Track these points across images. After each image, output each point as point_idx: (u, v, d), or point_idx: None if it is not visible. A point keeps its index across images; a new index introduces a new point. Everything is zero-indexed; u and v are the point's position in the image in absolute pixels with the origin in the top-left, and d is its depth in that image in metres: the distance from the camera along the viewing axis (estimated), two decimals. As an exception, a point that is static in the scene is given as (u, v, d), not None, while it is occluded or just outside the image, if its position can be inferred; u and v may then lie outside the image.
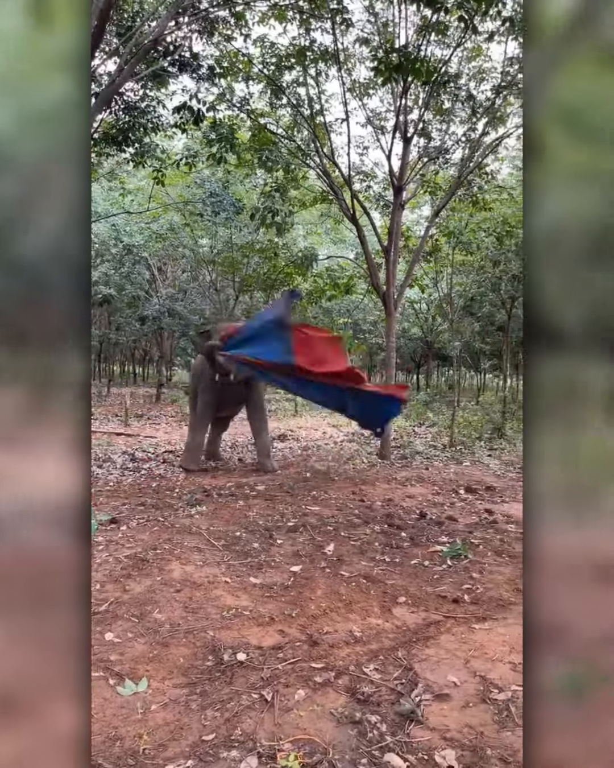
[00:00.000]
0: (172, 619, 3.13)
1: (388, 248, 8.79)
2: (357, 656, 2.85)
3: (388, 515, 5.42)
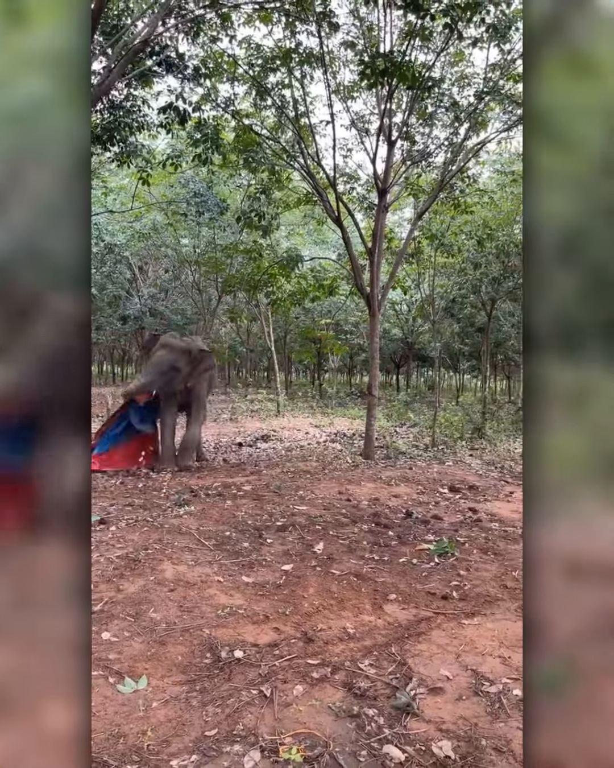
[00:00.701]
0: (167, 618, 3.16)
1: (372, 250, 8.88)
2: (351, 652, 2.91)
3: (375, 514, 5.50)
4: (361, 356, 23.44)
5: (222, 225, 12.11)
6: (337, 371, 36.96)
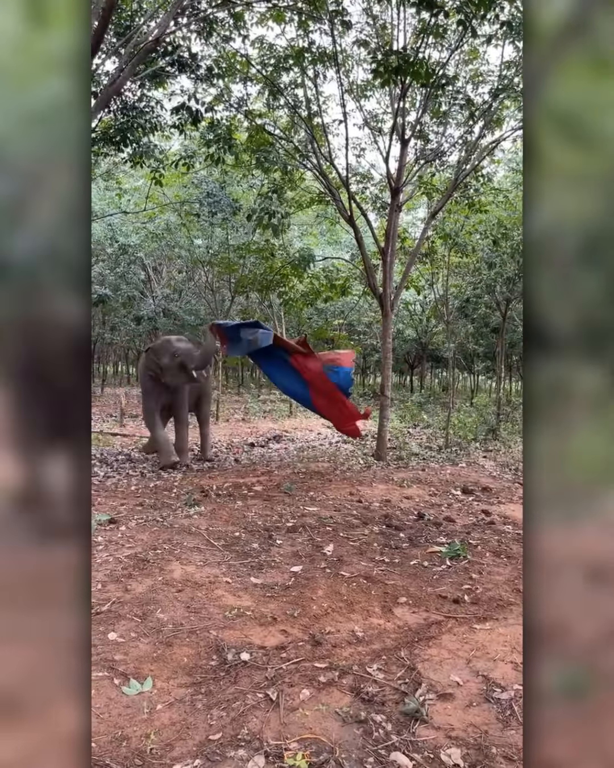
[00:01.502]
0: (174, 619, 3.13)
1: (385, 250, 8.82)
2: (360, 656, 2.86)
3: (386, 516, 5.44)
4: (374, 357, 23.30)
5: (235, 225, 12.12)
6: (351, 372, 36.88)
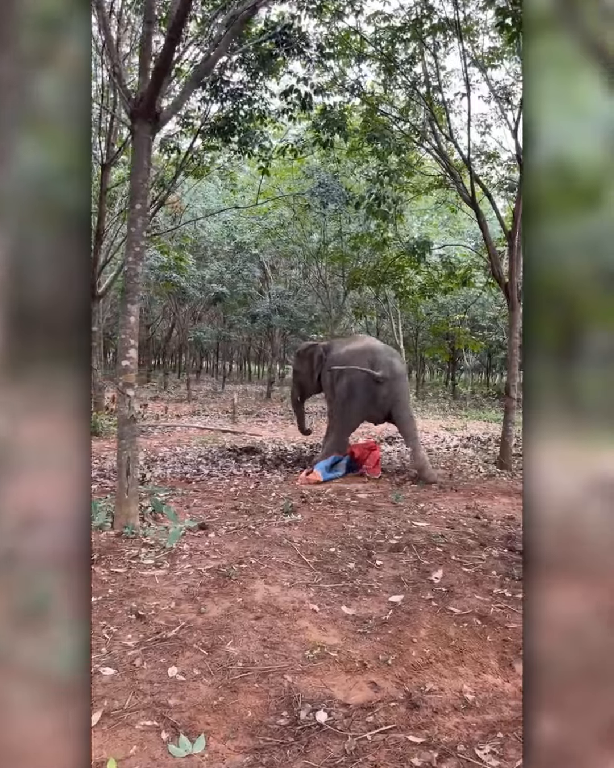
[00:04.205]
0: (246, 655, 2.69)
1: (512, 234, 7.90)
2: (468, 729, 2.24)
3: (509, 537, 4.68)
4: (501, 354, 21.76)
5: (348, 216, 11.64)
6: (474, 370, 35.10)
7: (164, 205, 9.75)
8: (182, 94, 4.35)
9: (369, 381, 6.95)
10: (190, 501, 5.53)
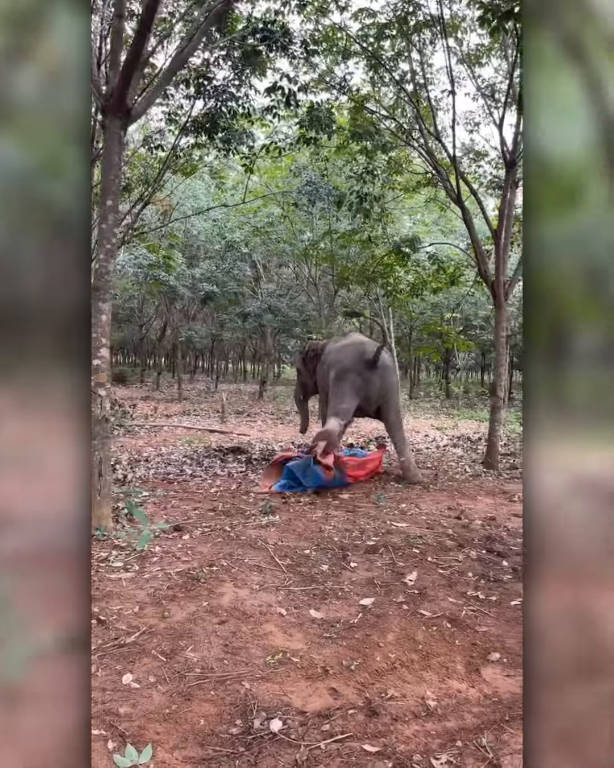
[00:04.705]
0: (205, 661, 2.62)
1: (498, 232, 7.84)
2: (426, 738, 2.18)
3: (488, 538, 4.62)
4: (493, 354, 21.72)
5: (336, 215, 11.57)
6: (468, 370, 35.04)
7: (151, 203, 9.65)
8: (155, 89, 4.29)
9: (360, 367, 6.82)
10: (169, 502, 5.46)
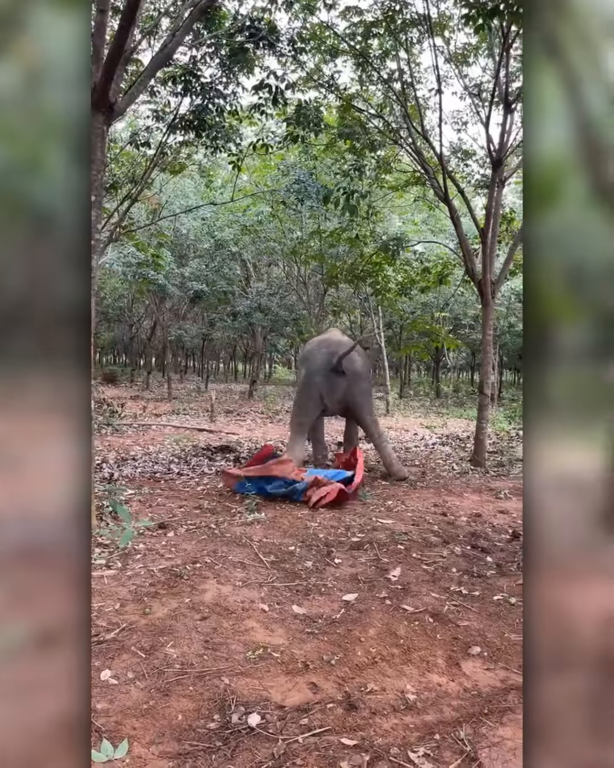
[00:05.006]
0: (185, 657, 2.61)
1: (485, 231, 7.87)
2: (405, 731, 2.19)
3: (473, 534, 4.64)
4: (483, 353, 21.84)
5: (325, 214, 11.57)
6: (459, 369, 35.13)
7: (139, 201, 9.61)
8: (139, 85, 4.27)
9: (327, 371, 6.73)
10: (154, 500, 5.44)
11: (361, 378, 6.97)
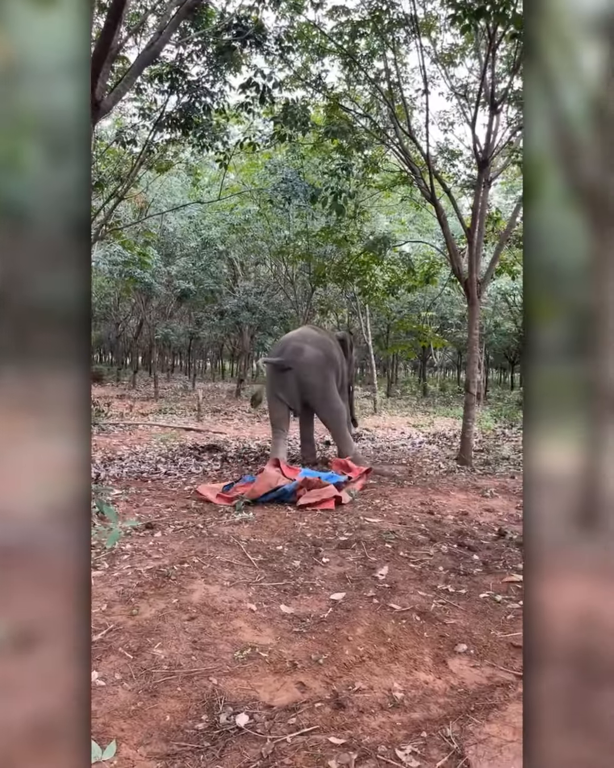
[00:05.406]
0: (173, 658, 2.61)
1: (472, 230, 7.91)
2: (392, 729, 2.20)
3: (460, 532, 4.67)
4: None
5: (313, 213, 11.58)
6: (446, 368, 35.33)
7: (125, 199, 9.56)
8: (125, 82, 4.24)
9: (275, 370, 6.79)
10: (141, 500, 5.42)
11: (311, 371, 6.72)
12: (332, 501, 5.32)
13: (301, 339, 7.02)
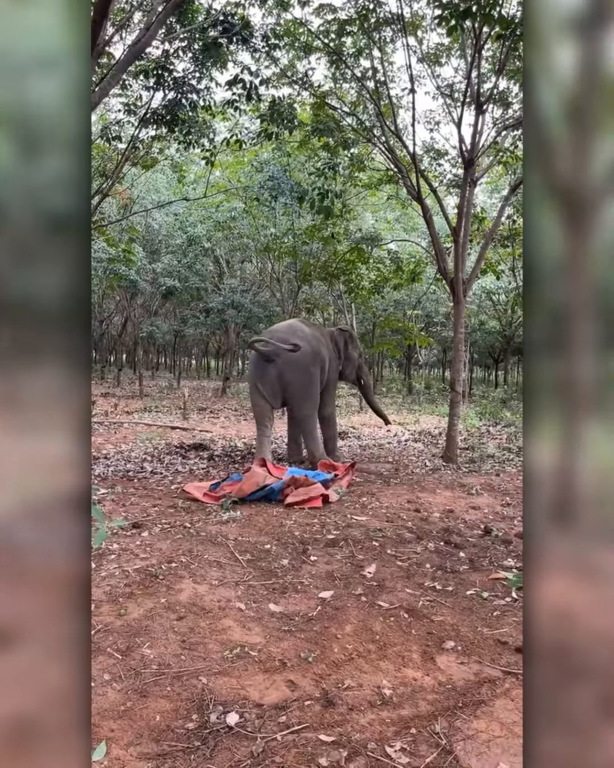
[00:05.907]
0: (162, 658, 2.61)
1: (457, 229, 7.96)
2: (382, 726, 2.22)
3: (446, 530, 4.71)
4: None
5: (299, 211, 11.58)
6: (430, 366, 35.51)
7: (109, 195, 9.48)
8: (111, 78, 4.20)
9: (259, 359, 6.63)
10: (128, 499, 5.39)
11: (295, 368, 6.58)
12: (319, 499, 5.34)
13: (291, 332, 6.87)
